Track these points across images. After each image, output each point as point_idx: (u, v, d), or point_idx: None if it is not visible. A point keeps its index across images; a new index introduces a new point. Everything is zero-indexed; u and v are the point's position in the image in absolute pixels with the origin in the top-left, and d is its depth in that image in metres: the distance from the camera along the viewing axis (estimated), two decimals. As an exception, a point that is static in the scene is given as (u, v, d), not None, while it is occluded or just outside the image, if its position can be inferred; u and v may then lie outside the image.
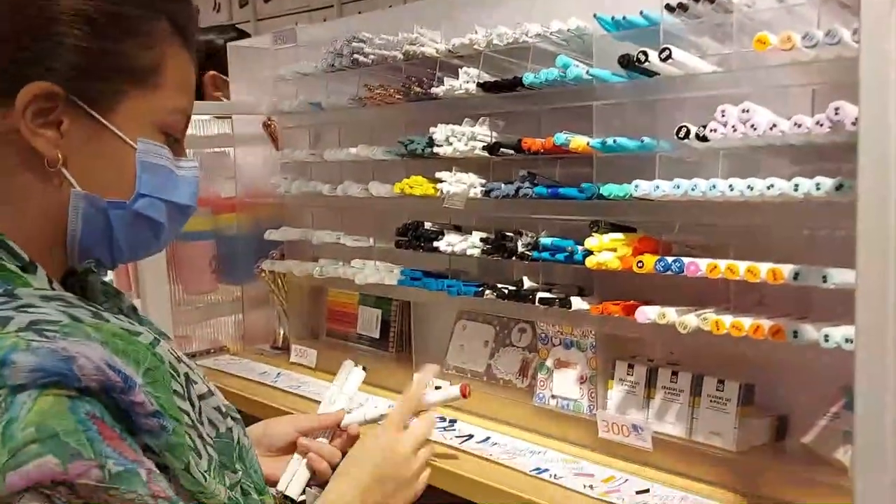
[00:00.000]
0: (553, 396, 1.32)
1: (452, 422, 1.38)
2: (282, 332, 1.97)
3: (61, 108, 0.69)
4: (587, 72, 1.17)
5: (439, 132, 1.37)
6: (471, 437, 1.31)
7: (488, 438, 1.30)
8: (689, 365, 1.18)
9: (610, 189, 1.13)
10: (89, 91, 0.70)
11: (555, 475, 1.12)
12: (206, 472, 0.68)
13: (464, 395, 1.10)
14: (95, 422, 0.60)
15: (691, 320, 1.04)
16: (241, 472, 0.77)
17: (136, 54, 0.71)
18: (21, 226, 0.70)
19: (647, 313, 1.08)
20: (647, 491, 1.06)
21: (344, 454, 1.01)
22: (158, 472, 0.64)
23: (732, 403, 1.10)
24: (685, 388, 1.15)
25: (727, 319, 0.99)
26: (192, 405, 0.70)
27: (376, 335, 1.76)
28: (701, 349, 1.17)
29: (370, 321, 1.78)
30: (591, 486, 1.08)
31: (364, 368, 1.14)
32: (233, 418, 0.78)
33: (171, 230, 0.81)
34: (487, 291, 1.34)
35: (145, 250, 0.81)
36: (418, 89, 1.43)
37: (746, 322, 0.97)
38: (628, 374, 1.21)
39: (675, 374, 1.17)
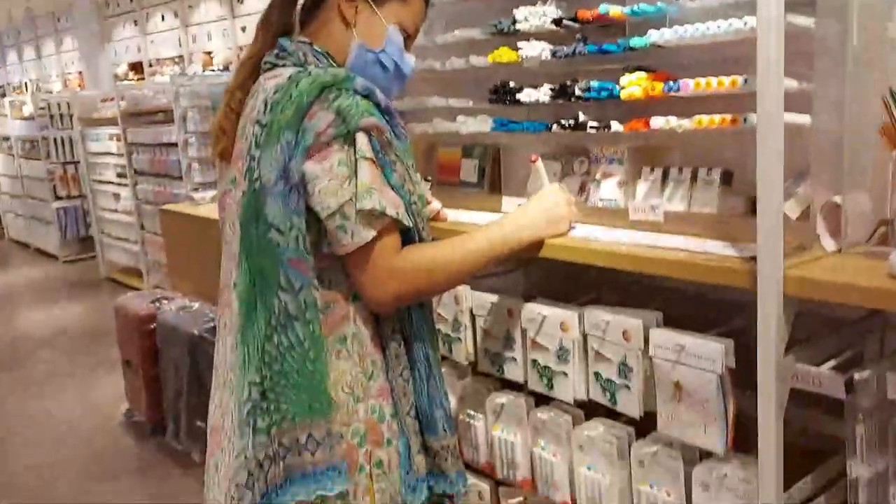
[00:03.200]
0: (601, 199, 1.87)
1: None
2: (403, 184, 2.58)
3: (359, 1, 1.42)
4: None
5: (519, 12, 1.90)
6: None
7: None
8: (694, 164, 1.70)
9: (634, 41, 1.65)
10: None
11: (596, 238, 1.68)
12: None
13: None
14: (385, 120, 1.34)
15: (685, 123, 1.56)
16: None
17: None
18: (333, 51, 1.44)
19: (656, 122, 1.61)
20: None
21: None
22: None
23: (716, 183, 1.62)
24: (687, 178, 1.68)
25: (706, 118, 1.51)
26: None
27: (475, 180, 2.34)
28: (699, 151, 1.69)
29: (470, 169, 2.35)
30: (620, 242, 1.63)
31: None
32: None
33: (391, 80, 1.51)
34: (555, 126, 1.89)
35: (380, 84, 1.44)
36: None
37: (717, 117, 1.49)
38: (650, 175, 1.75)
39: (680, 170, 1.69)
